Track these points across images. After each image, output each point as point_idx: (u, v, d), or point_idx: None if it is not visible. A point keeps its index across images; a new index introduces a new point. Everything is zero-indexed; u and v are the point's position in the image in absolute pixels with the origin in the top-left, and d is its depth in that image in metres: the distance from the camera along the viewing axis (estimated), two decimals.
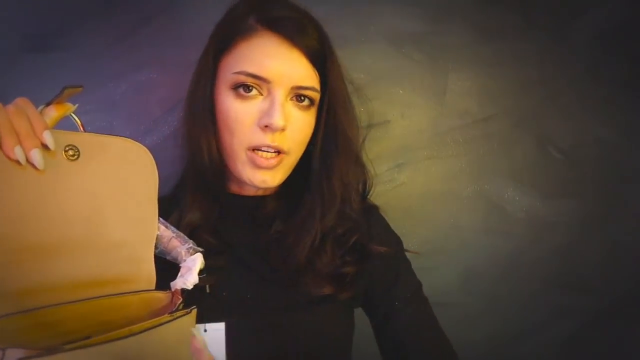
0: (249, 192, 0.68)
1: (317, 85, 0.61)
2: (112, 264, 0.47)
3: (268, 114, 0.58)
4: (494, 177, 0.87)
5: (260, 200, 0.67)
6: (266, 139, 0.59)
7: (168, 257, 0.51)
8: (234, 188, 0.68)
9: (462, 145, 0.87)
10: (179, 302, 0.46)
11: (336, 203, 0.64)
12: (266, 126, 0.58)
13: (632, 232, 0.87)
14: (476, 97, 0.87)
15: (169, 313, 0.43)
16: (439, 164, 0.86)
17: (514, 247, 0.87)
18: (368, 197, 0.72)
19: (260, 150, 0.60)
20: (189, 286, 0.47)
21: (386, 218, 0.73)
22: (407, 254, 0.72)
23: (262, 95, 0.60)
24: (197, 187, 0.65)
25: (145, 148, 0.49)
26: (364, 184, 0.72)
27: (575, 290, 0.88)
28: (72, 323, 0.42)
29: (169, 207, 0.65)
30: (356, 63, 0.84)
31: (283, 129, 0.59)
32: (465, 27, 0.85)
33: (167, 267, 0.50)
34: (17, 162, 0.41)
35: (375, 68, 0.84)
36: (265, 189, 0.66)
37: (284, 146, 0.60)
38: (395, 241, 0.71)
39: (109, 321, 0.44)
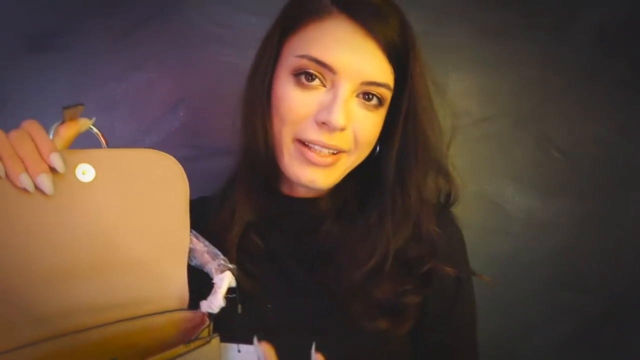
0: (299, 193, 0.61)
1: (390, 83, 0.53)
2: (133, 283, 0.44)
3: (328, 109, 0.51)
4: (494, 177, 0.87)
5: (310, 203, 0.60)
6: (321, 136, 0.52)
7: (205, 270, 0.49)
8: (285, 189, 0.62)
9: (462, 145, 0.87)
10: (203, 326, 0.43)
11: (410, 220, 0.56)
12: (323, 123, 0.51)
13: (631, 232, 0.87)
14: (476, 97, 0.86)
15: (185, 344, 0.41)
16: None
17: (513, 247, 0.86)
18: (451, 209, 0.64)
19: (313, 146, 0.53)
20: (214, 310, 0.45)
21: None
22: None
23: (325, 87, 0.52)
24: (249, 181, 0.60)
25: (172, 157, 0.46)
26: (448, 196, 0.63)
27: (575, 290, 0.88)
28: (86, 352, 0.41)
29: (219, 206, 0.61)
30: None
31: (343, 129, 0.52)
32: (465, 27, 0.85)
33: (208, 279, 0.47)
34: (25, 189, 0.39)
35: None
36: (316, 190, 0.59)
37: (343, 146, 0.54)
38: (463, 261, 0.62)
39: (135, 344, 0.43)
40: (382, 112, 0.55)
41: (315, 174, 0.54)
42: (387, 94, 0.54)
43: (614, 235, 0.87)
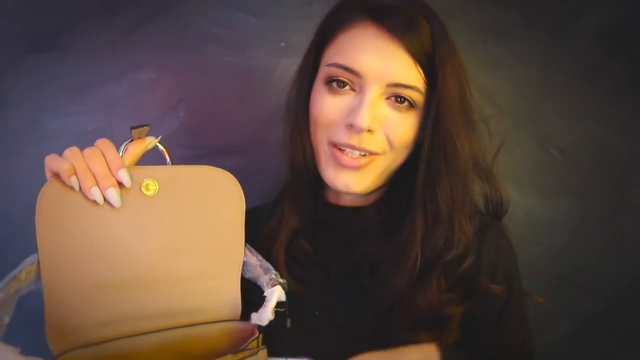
0: (345, 201, 0.61)
1: (420, 86, 0.53)
2: (189, 295, 0.47)
3: (354, 112, 0.52)
4: None
5: (357, 212, 0.60)
6: (350, 139, 0.53)
7: (258, 283, 0.50)
8: (332, 197, 0.63)
9: None
10: (252, 338, 0.45)
11: (441, 227, 0.55)
12: (351, 125, 0.53)
13: (632, 232, 0.87)
14: (476, 97, 0.86)
15: (233, 353, 0.43)
16: None
17: (513, 246, 0.86)
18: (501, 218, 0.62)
19: (344, 149, 0.54)
20: (263, 323, 0.46)
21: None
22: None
23: (354, 91, 0.54)
24: (295, 190, 0.61)
25: (230, 175, 0.49)
26: (496, 206, 0.62)
27: (575, 290, 0.88)
28: (148, 354, 0.44)
29: (270, 215, 0.63)
30: None
31: (370, 131, 0.53)
32: (465, 27, 0.85)
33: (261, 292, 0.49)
34: (95, 201, 0.43)
35: None
36: (360, 196, 0.59)
37: (375, 149, 0.54)
38: (513, 275, 0.60)
39: (187, 351, 0.46)
40: (415, 114, 0.55)
41: (348, 177, 0.55)
42: (417, 97, 0.54)
43: (614, 235, 0.87)
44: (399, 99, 0.54)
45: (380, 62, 0.52)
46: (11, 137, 0.82)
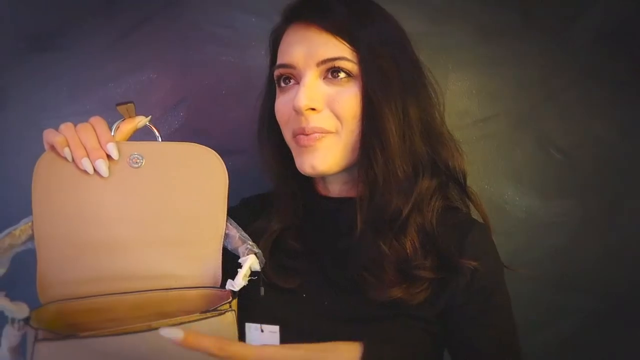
0: (333, 193, 0.64)
1: (348, 55, 0.55)
2: (170, 259, 0.51)
3: (294, 98, 0.56)
4: (494, 177, 0.87)
5: (344, 202, 0.63)
6: (301, 123, 0.56)
7: (238, 254, 0.54)
8: (321, 189, 0.66)
9: (462, 145, 0.86)
10: (225, 301, 0.48)
11: (379, 188, 0.57)
12: (294, 110, 0.56)
13: (631, 232, 0.87)
14: (476, 97, 0.86)
15: (201, 312, 0.46)
16: None
17: (514, 247, 0.86)
18: (467, 189, 0.65)
19: (302, 134, 0.58)
20: (235, 288, 0.49)
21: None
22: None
23: (298, 83, 0.59)
24: (279, 196, 0.66)
25: (213, 152, 0.53)
26: (453, 170, 0.63)
27: (575, 290, 0.88)
28: (126, 311, 0.49)
29: (263, 205, 0.67)
30: None
31: (313, 110, 0.56)
32: (465, 27, 0.85)
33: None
34: (85, 171, 0.47)
35: None
36: (345, 185, 0.62)
37: (324, 125, 0.56)
38: (493, 263, 0.61)
39: (167, 312, 0.50)
40: (356, 84, 0.56)
41: (311, 158, 0.57)
42: (351, 66, 0.56)
43: (614, 235, 0.87)
44: (334, 72, 0.56)
45: (303, 48, 0.57)
46: (11, 137, 0.82)
